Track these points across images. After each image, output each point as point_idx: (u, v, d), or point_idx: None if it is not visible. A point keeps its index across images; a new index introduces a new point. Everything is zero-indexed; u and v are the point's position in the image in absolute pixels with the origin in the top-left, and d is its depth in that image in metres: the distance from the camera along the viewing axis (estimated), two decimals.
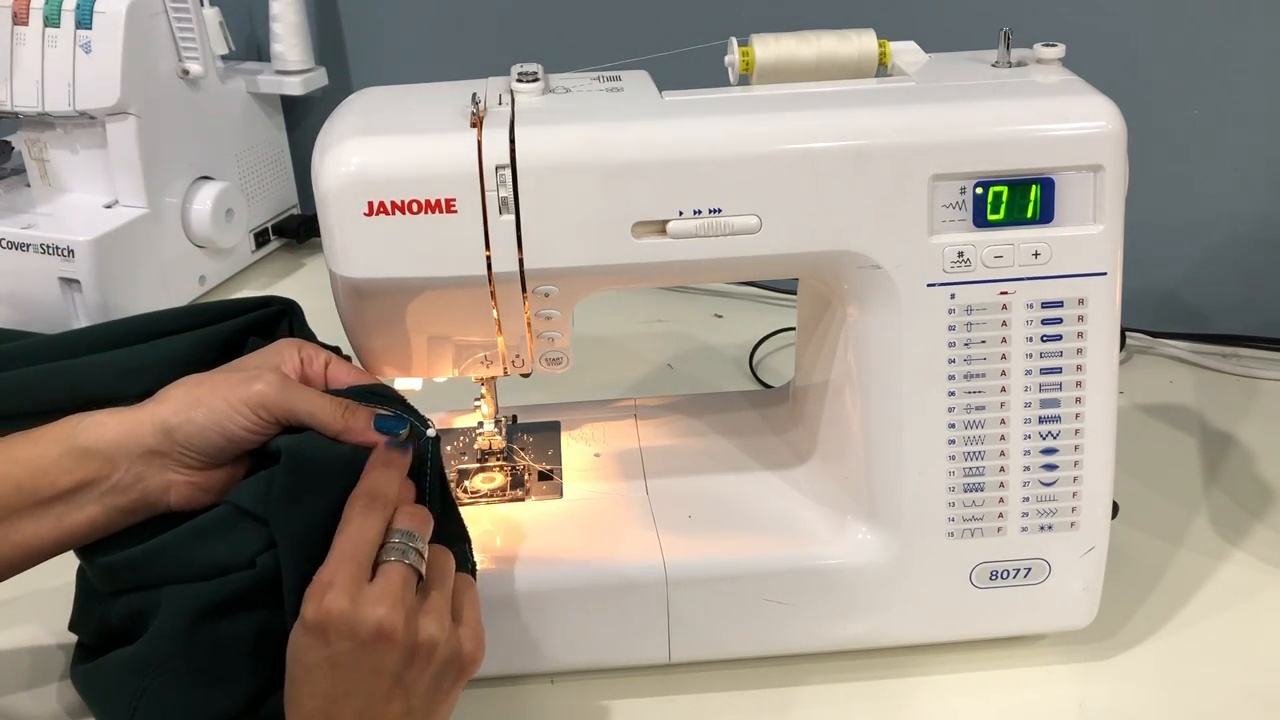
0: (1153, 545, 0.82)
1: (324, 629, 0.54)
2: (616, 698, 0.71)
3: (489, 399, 0.76)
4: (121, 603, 0.63)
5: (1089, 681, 0.72)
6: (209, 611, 0.60)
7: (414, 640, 0.56)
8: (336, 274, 0.63)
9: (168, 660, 0.61)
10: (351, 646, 0.54)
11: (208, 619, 0.60)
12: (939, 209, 0.63)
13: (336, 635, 0.54)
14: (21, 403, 0.68)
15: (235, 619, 0.61)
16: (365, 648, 0.54)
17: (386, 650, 0.55)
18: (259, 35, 1.32)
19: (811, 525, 0.72)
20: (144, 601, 0.62)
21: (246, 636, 0.61)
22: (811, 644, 0.72)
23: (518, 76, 0.65)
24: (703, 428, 0.82)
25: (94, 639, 0.66)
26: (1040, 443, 0.67)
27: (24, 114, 1.13)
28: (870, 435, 0.69)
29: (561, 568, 0.70)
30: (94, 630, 0.67)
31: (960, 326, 0.65)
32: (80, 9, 1.09)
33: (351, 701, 0.54)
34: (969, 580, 0.70)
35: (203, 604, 0.60)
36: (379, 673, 0.55)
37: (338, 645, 0.54)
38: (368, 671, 0.55)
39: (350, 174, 0.60)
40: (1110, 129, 0.62)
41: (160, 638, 0.61)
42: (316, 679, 0.55)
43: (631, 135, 0.62)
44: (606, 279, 0.65)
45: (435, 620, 0.57)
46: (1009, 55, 0.67)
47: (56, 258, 1.08)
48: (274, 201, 1.33)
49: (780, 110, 0.63)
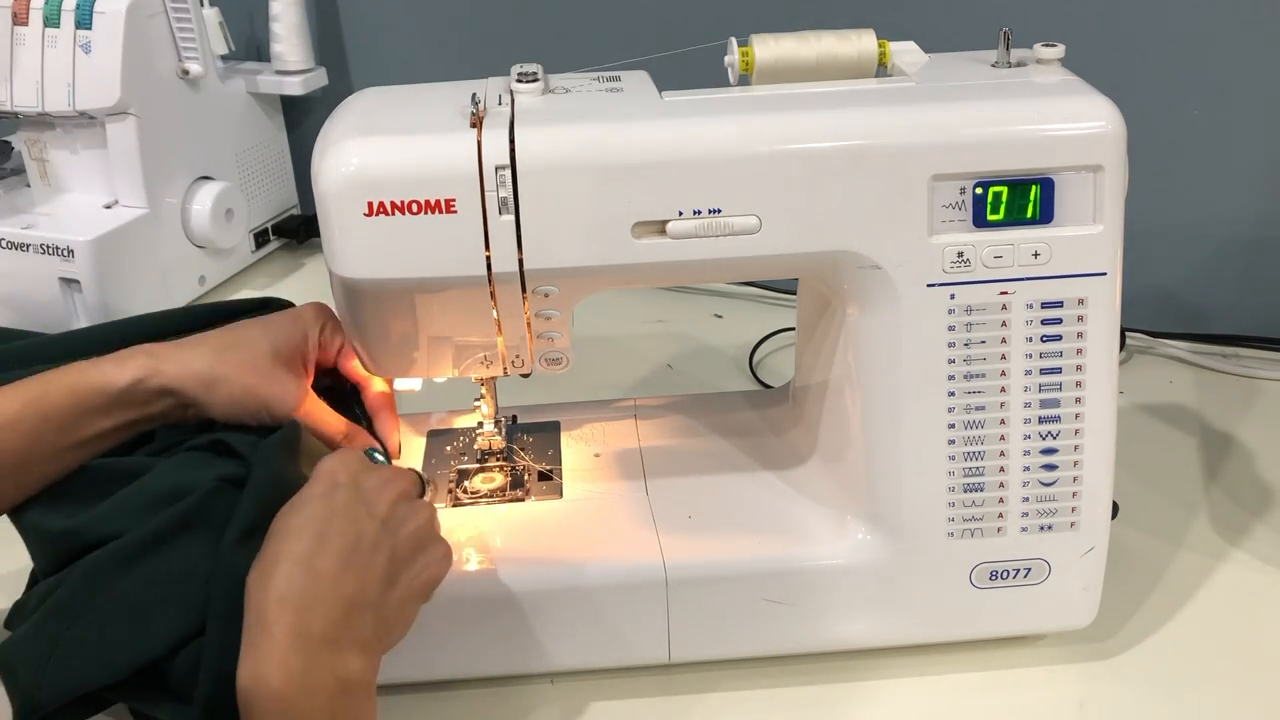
0: (1153, 545, 0.82)
1: (334, 473, 0.61)
2: (616, 698, 0.71)
3: (489, 399, 0.76)
4: (53, 579, 0.64)
5: (1089, 681, 0.72)
6: (127, 555, 0.61)
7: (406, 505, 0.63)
8: (336, 274, 0.63)
9: (84, 605, 0.61)
10: (351, 496, 0.60)
11: (125, 562, 0.61)
12: (939, 209, 0.63)
13: (346, 477, 0.61)
14: None
15: (153, 561, 0.62)
16: (362, 496, 0.61)
17: (381, 498, 0.61)
18: (259, 35, 1.31)
19: (811, 525, 0.72)
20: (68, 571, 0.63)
21: (166, 580, 0.61)
22: (811, 644, 0.72)
23: (518, 77, 0.65)
24: (703, 428, 0.82)
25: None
26: (1040, 443, 0.67)
27: (24, 114, 1.12)
28: (870, 435, 0.69)
29: (561, 568, 0.70)
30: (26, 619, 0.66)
31: (960, 327, 0.65)
32: (80, 9, 1.09)
33: (341, 540, 0.59)
34: (969, 580, 0.70)
35: (120, 548, 0.62)
36: (370, 518, 0.60)
37: (339, 496, 0.60)
38: (361, 516, 0.60)
39: (350, 174, 0.60)
40: (1110, 129, 0.62)
41: (78, 585, 0.62)
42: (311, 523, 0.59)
43: (631, 135, 0.62)
44: (606, 279, 0.65)
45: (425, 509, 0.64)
46: (1009, 55, 0.67)
47: (56, 258, 1.08)
48: (274, 201, 1.33)
49: (780, 110, 0.63)
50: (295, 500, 0.61)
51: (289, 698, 0.54)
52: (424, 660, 0.69)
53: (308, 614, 0.56)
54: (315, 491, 0.61)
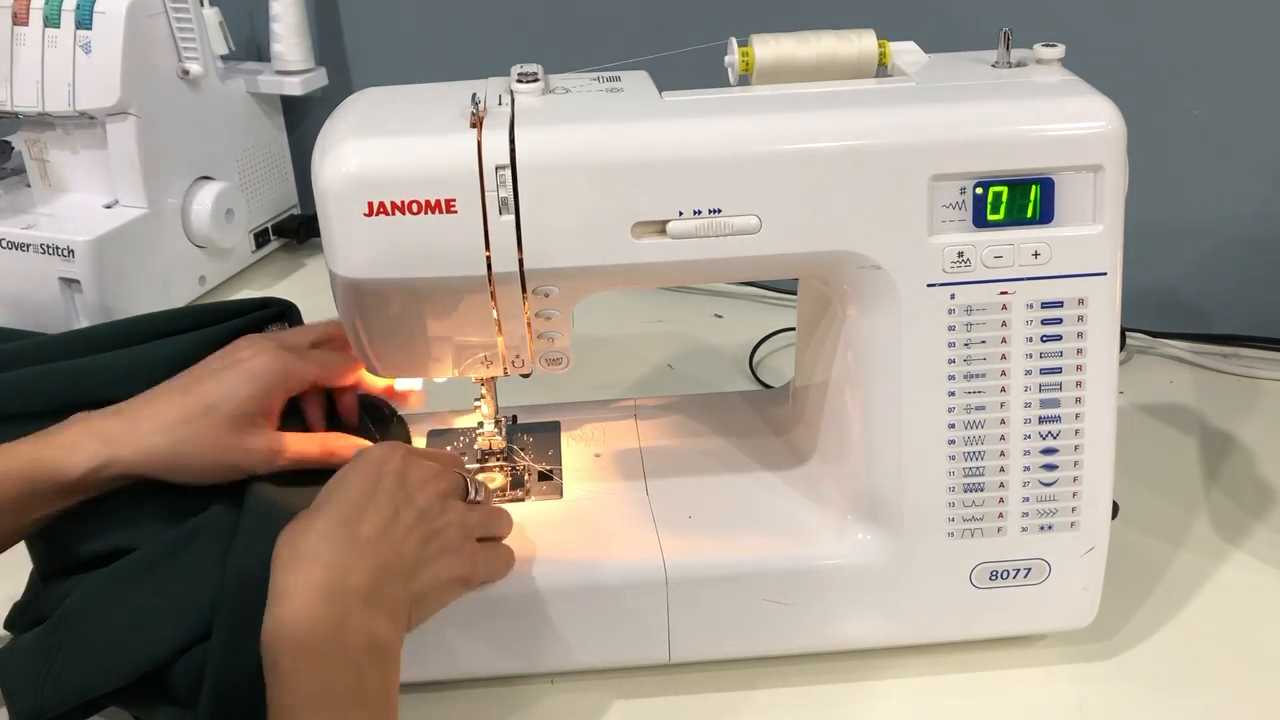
0: (1153, 545, 0.82)
1: (384, 460, 0.63)
2: (616, 698, 0.71)
3: (489, 399, 0.76)
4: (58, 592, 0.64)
5: (1089, 681, 0.72)
6: (132, 565, 0.62)
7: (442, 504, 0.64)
8: (336, 274, 0.63)
9: (91, 614, 0.61)
10: (395, 483, 0.62)
11: (130, 571, 0.62)
12: (939, 209, 0.63)
13: (394, 466, 0.63)
14: (21, 403, 0.68)
15: (160, 574, 0.62)
16: (405, 485, 0.63)
17: (423, 491, 0.63)
18: (259, 35, 1.31)
19: (811, 525, 0.72)
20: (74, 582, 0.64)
21: (172, 589, 0.62)
22: (811, 644, 0.72)
23: (518, 77, 0.65)
24: (703, 428, 0.82)
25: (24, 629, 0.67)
26: (1040, 443, 0.67)
27: (24, 114, 1.12)
28: (870, 435, 0.69)
29: (561, 568, 0.70)
30: (26, 622, 0.67)
31: (960, 326, 0.65)
32: (80, 9, 1.09)
33: (379, 515, 0.60)
34: (969, 580, 0.70)
35: (131, 563, 0.62)
36: (409, 505, 0.62)
37: (385, 481, 0.62)
38: (401, 501, 0.62)
39: (350, 174, 0.60)
40: (1110, 129, 0.62)
41: (85, 596, 0.62)
42: (353, 495, 0.61)
43: (631, 135, 0.62)
44: (606, 279, 0.65)
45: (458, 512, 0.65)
46: (1009, 55, 0.67)
47: (56, 258, 1.08)
48: (274, 201, 1.33)
49: (780, 110, 0.63)
50: (339, 475, 0.62)
51: (315, 648, 0.54)
52: (424, 660, 0.69)
53: (344, 570, 0.56)
54: (362, 470, 0.62)
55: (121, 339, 0.73)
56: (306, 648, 0.54)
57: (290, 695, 0.53)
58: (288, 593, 0.55)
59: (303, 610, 0.54)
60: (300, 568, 0.56)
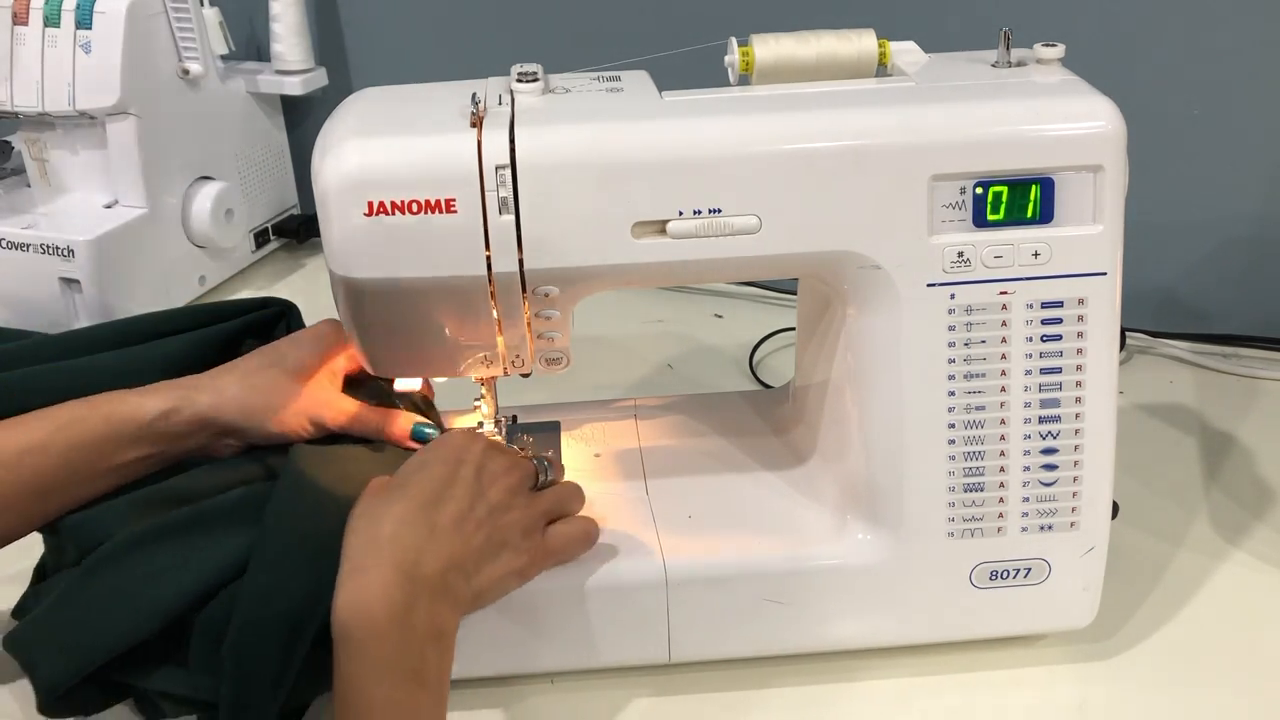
0: (1153, 545, 0.82)
1: (464, 449, 0.65)
2: (616, 698, 0.71)
3: (489, 399, 0.76)
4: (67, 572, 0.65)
5: (1089, 681, 0.72)
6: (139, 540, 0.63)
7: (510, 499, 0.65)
8: (336, 274, 0.63)
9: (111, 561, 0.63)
10: (472, 474, 0.64)
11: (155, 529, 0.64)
12: (939, 209, 0.63)
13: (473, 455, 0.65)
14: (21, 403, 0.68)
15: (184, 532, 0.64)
16: (481, 477, 0.64)
17: (496, 486, 0.65)
18: (259, 35, 1.31)
19: (811, 525, 0.72)
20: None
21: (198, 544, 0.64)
22: (811, 644, 0.72)
23: (518, 76, 0.65)
24: (703, 428, 0.82)
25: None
26: (1040, 443, 0.67)
27: (24, 114, 1.12)
28: (870, 435, 0.69)
29: (561, 567, 0.69)
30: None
31: (960, 326, 0.65)
32: (80, 9, 1.09)
33: (456, 505, 0.62)
34: (969, 580, 0.70)
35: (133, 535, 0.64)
36: (481, 499, 0.64)
37: (464, 471, 0.64)
38: (475, 494, 0.64)
39: (350, 174, 0.60)
40: (1110, 129, 0.62)
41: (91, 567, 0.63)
42: (432, 482, 0.63)
43: (631, 135, 0.62)
44: (606, 279, 0.65)
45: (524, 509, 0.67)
46: (1009, 55, 0.67)
47: (56, 258, 1.08)
48: (274, 201, 1.33)
49: (780, 110, 0.63)
50: (421, 458, 0.65)
51: (388, 630, 0.56)
52: None
53: (419, 556, 0.59)
54: (442, 455, 0.64)
55: (121, 339, 0.73)
56: (381, 625, 0.56)
57: (360, 665, 0.56)
58: (365, 570, 0.57)
59: (380, 590, 0.56)
60: (379, 548, 0.58)
